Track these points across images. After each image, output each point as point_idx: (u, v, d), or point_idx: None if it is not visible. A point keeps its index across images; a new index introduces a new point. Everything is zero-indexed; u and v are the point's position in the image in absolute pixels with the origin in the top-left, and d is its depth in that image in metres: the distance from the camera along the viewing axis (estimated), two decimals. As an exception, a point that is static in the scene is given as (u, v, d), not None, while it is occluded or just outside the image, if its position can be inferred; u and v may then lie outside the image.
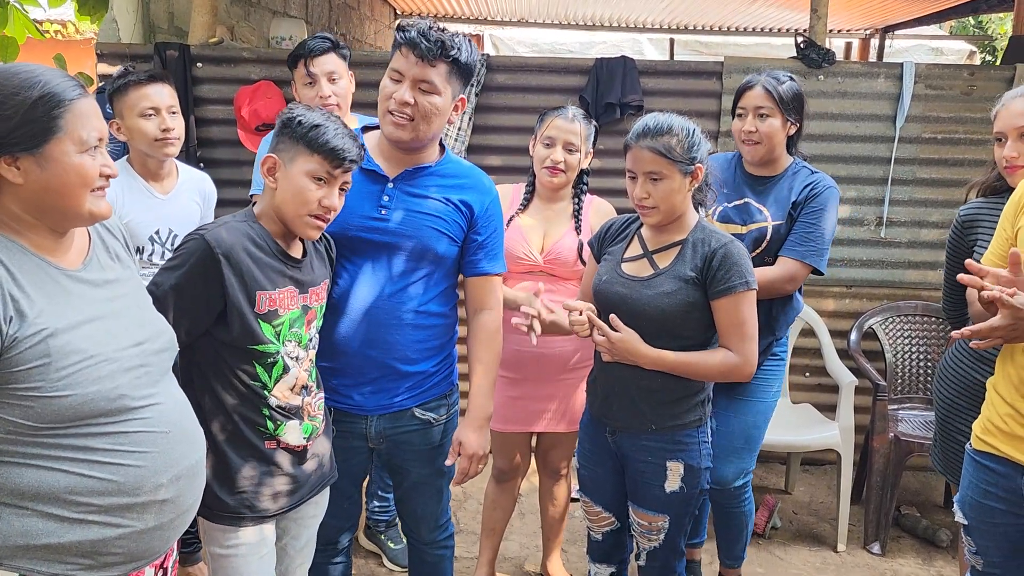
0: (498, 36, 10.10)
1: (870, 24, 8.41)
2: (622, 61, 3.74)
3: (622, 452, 2.22)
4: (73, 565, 1.38)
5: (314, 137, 1.79)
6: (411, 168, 2.08)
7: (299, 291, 1.88)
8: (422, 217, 2.07)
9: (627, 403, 2.16)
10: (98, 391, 1.36)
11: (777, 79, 2.56)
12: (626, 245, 2.22)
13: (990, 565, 2.01)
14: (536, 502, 3.31)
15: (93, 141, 1.40)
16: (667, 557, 2.26)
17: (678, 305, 2.07)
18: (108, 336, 1.41)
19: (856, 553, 3.31)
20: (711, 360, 2.08)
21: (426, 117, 1.99)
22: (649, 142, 2.05)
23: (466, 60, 2.01)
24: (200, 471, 1.57)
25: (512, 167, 3.73)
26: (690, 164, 2.06)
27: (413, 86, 1.97)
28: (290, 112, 1.84)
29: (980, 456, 1.99)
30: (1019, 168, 2.26)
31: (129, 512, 1.41)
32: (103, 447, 1.38)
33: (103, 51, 3.72)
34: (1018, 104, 2.27)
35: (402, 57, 1.97)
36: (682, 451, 2.15)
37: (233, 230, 1.79)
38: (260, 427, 1.83)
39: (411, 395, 2.14)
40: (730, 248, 2.07)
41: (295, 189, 1.81)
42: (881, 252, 3.88)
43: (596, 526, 2.37)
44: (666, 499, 2.17)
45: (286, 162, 1.82)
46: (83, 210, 1.40)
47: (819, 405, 3.70)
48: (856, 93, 3.78)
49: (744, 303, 2.07)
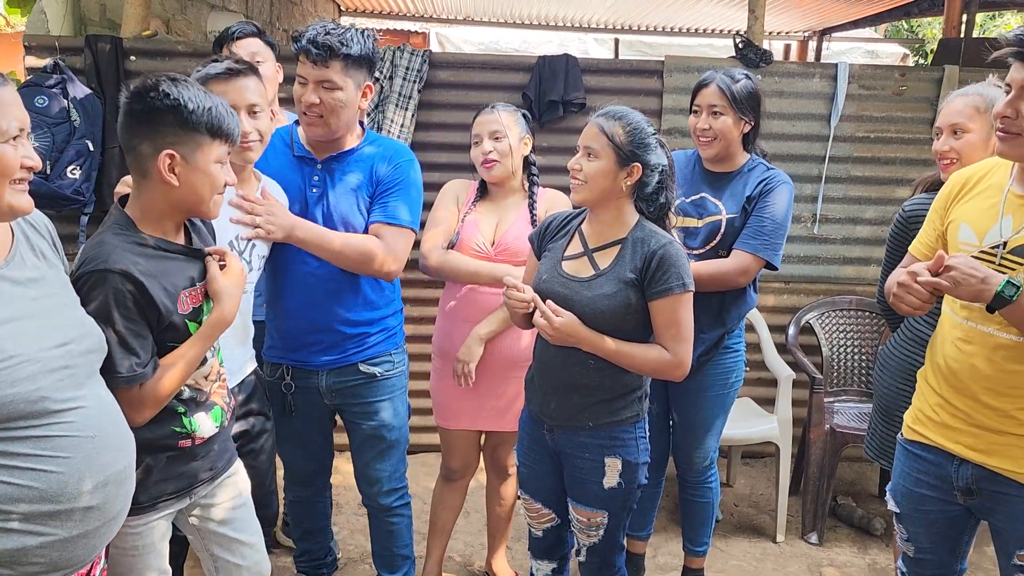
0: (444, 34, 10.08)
1: (808, 27, 8.61)
2: (565, 59, 3.76)
3: (560, 449, 2.23)
4: None
5: (215, 123, 1.69)
6: (335, 153, 2.35)
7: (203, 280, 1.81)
8: (345, 195, 2.34)
9: (564, 401, 2.17)
10: (17, 393, 1.31)
11: (732, 77, 2.58)
12: (567, 242, 2.22)
13: (921, 551, 2.08)
14: (480, 500, 3.31)
15: (13, 131, 1.35)
16: (606, 552, 2.27)
17: (617, 307, 2.08)
18: (31, 336, 1.36)
19: (795, 543, 3.39)
20: (647, 354, 2.10)
21: (333, 111, 2.24)
22: (599, 120, 2.10)
23: (359, 52, 2.23)
24: (129, 477, 1.52)
25: (455, 164, 3.71)
26: (628, 158, 2.07)
27: (316, 87, 2.23)
28: (171, 98, 1.65)
29: (911, 445, 2.05)
30: (951, 163, 2.37)
31: (52, 520, 1.37)
32: (23, 452, 1.33)
33: (31, 43, 3.59)
34: (957, 103, 2.39)
35: (302, 63, 2.24)
36: (620, 447, 2.16)
37: (123, 251, 1.64)
38: (175, 427, 1.77)
39: (355, 351, 2.42)
40: (668, 250, 2.08)
41: (205, 180, 1.71)
42: (817, 248, 3.97)
43: (537, 523, 2.38)
44: (605, 495, 2.18)
45: (186, 156, 1.68)
46: (2, 204, 1.35)
47: (758, 399, 3.78)
48: (792, 92, 3.86)
49: (680, 304, 2.08)
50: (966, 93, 2.41)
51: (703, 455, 2.81)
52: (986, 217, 1.88)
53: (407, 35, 10.35)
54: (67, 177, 3.35)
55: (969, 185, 1.97)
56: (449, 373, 2.67)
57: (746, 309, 2.74)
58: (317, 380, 2.44)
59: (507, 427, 2.72)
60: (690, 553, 2.95)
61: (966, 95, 2.40)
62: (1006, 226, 1.83)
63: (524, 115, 2.67)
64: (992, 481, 1.87)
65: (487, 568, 3.06)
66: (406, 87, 3.69)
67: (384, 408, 2.49)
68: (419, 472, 3.72)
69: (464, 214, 2.64)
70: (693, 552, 2.94)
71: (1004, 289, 1.68)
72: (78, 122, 3.39)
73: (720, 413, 2.79)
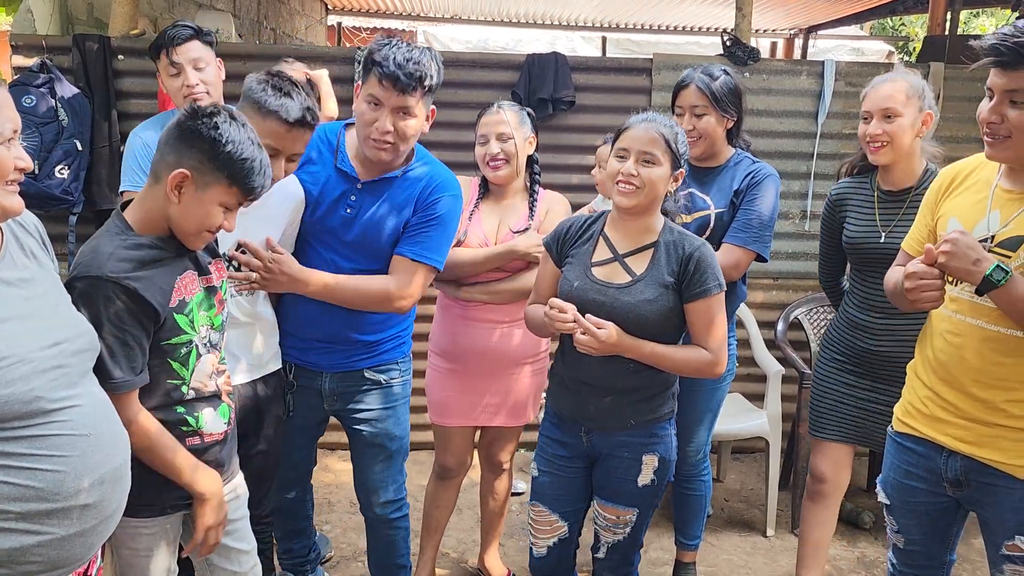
0: (432, 33, 10.06)
1: (794, 24, 8.66)
2: (554, 57, 3.77)
3: (596, 450, 2.22)
4: None
5: (240, 173, 1.69)
6: (378, 177, 2.27)
7: (199, 273, 1.81)
8: (379, 220, 2.26)
9: (605, 404, 2.16)
10: (12, 393, 1.31)
11: (711, 75, 2.59)
12: (592, 247, 2.18)
13: (911, 542, 2.10)
14: (472, 497, 3.32)
15: (7, 133, 1.36)
16: (627, 550, 2.30)
17: (660, 311, 2.08)
18: (23, 336, 1.36)
19: (784, 537, 3.41)
20: (687, 355, 2.12)
21: (405, 139, 2.19)
22: (655, 126, 2.09)
23: (437, 81, 2.20)
24: (124, 475, 1.53)
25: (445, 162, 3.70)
26: (678, 164, 2.11)
27: (393, 113, 2.14)
28: (217, 130, 1.66)
29: (901, 438, 2.08)
30: (882, 146, 2.46)
31: (49, 518, 1.37)
32: (19, 451, 1.33)
33: (18, 43, 3.58)
34: (886, 87, 2.47)
35: (380, 87, 2.12)
36: (657, 444, 2.19)
37: (118, 256, 1.64)
38: (182, 426, 1.78)
39: (363, 357, 2.38)
40: (703, 251, 2.11)
41: (202, 214, 1.70)
42: (805, 245, 4.00)
43: (543, 539, 2.32)
44: (638, 493, 2.20)
45: (198, 185, 1.68)
46: None
47: (748, 394, 3.80)
48: (780, 90, 3.89)
49: (718, 304, 2.11)
50: (893, 79, 2.49)
51: (696, 449, 2.83)
52: (974, 211, 1.90)
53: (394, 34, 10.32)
54: (55, 177, 3.33)
55: (958, 180, 2.00)
56: (447, 370, 2.67)
57: (737, 303, 2.76)
58: (320, 382, 2.40)
59: (504, 423, 2.73)
60: (682, 547, 2.97)
61: (894, 80, 2.48)
62: (994, 220, 1.85)
63: (528, 113, 2.67)
64: (981, 472, 1.90)
65: (480, 564, 3.07)
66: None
67: (387, 416, 2.44)
68: (411, 470, 3.70)
69: (468, 213, 2.63)
70: (685, 546, 2.96)
71: (993, 272, 1.71)
72: (66, 122, 3.37)
73: (712, 408, 2.82)
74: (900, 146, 2.45)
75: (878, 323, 2.50)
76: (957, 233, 1.76)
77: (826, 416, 2.67)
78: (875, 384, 2.56)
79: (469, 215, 2.62)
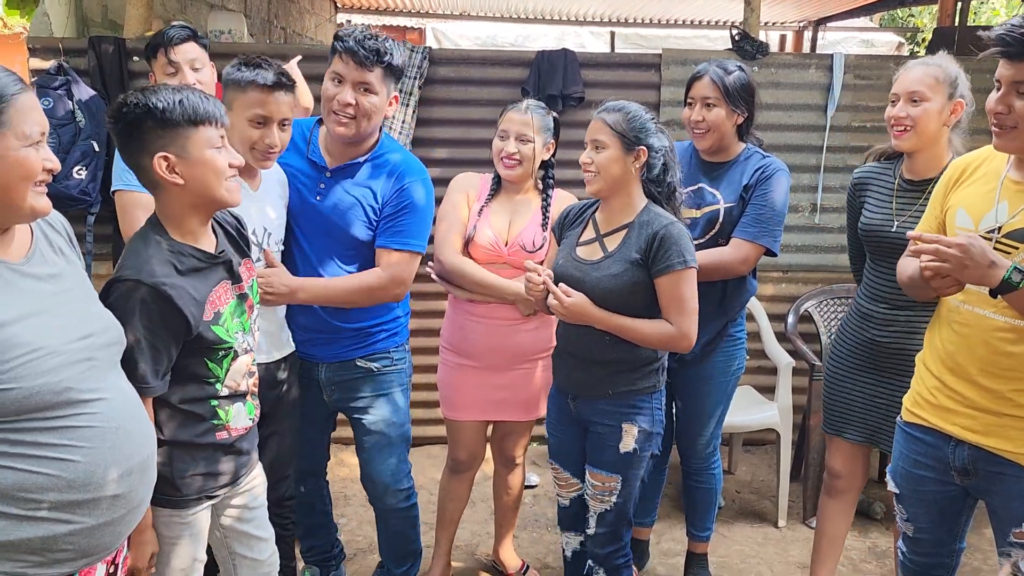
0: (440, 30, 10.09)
1: (804, 17, 8.64)
2: (563, 54, 3.79)
3: (582, 417, 2.38)
4: (22, 563, 1.37)
5: (193, 113, 1.70)
6: (346, 163, 2.38)
7: (231, 281, 1.87)
8: (346, 205, 2.37)
9: (585, 373, 2.33)
10: (44, 384, 1.36)
11: (725, 69, 2.62)
12: (582, 229, 2.38)
13: (920, 531, 2.13)
14: (487, 490, 3.35)
15: (36, 136, 1.40)
16: (615, 523, 2.38)
17: (623, 285, 2.22)
18: (54, 329, 1.40)
19: (796, 528, 3.44)
20: (653, 328, 2.23)
21: (367, 115, 2.28)
22: (602, 114, 2.26)
23: (398, 63, 2.32)
24: (151, 466, 1.57)
25: (456, 159, 3.76)
26: (633, 142, 2.21)
27: (354, 88, 2.26)
28: (142, 105, 1.67)
29: (910, 428, 2.10)
30: (905, 130, 2.42)
31: (79, 508, 1.41)
32: (50, 442, 1.38)
33: (35, 45, 3.63)
34: (917, 71, 2.44)
35: (341, 62, 2.26)
36: (636, 414, 2.30)
37: (158, 261, 1.71)
38: (213, 419, 1.84)
39: (354, 347, 2.47)
40: (670, 229, 2.20)
41: (207, 169, 1.72)
42: (815, 237, 4.02)
43: (564, 492, 2.52)
44: (620, 460, 2.31)
45: (180, 153, 1.70)
46: (24, 205, 1.40)
47: (759, 387, 3.82)
48: (789, 84, 3.90)
49: (682, 280, 2.20)
50: (926, 63, 2.44)
51: (706, 441, 2.86)
52: (983, 203, 1.92)
53: (403, 31, 10.37)
54: (73, 178, 3.38)
55: (968, 172, 2.01)
56: (457, 365, 2.71)
57: (747, 297, 2.78)
58: (318, 373, 2.50)
59: (514, 417, 2.76)
60: (694, 538, 3.00)
61: (926, 64, 2.44)
62: (1002, 211, 1.87)
63: (555, 119, 2.69)
64: (988, 461, 1.92)
65: (494, 556, 3.11)
66: (406, 84, 3.72)
67: (382, 403, 2.52)
68: (426, 464, 3.77)
69: (479, 208, 2.66)
70: (697, 537, 2.99)
71: (1011, 275, 1.71)
72: (83, 123, 3.42)
73: (722, 400, 2.84)
74: (924, 132, 2.38)
75: (885, 314, 2.49)
76: (966, 238, 1.75)
77: (839, 414, 2.66)
78: (880, 377, 2.53)
79: (479, 211, 2.65)
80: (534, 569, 3.07)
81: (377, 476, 2.58)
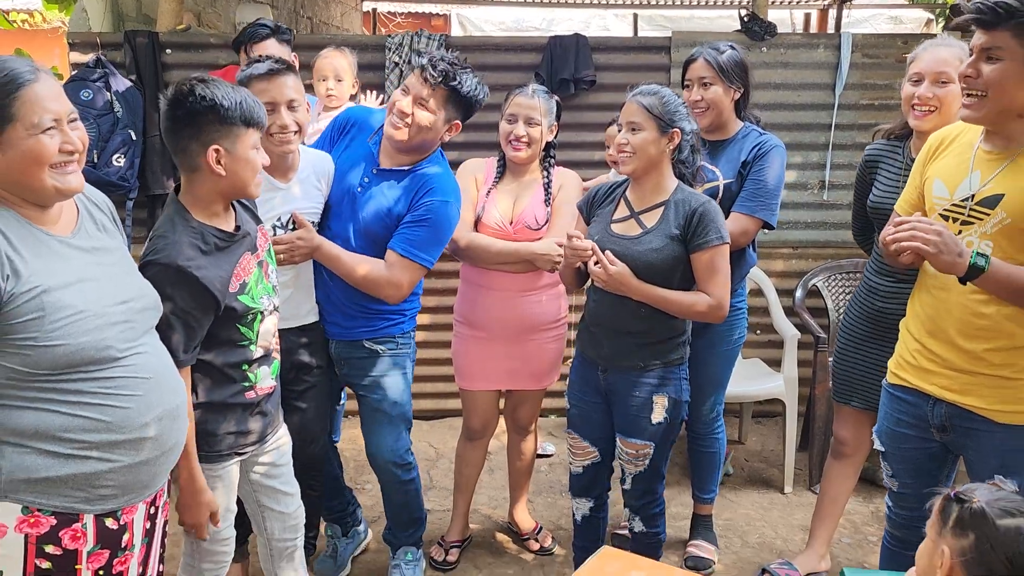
0: (465, 15, 10.19)
1: (828, -6, 8.59)
2: (575, 38, 3.91)
3: (612, 389, 2.48)
4: (71, 497, 1.56)
5: (247, 114, 1.89)
6: (392, 168, 2.54)
7: (251, 252, 2.04)
8: (381, 207, 2.51)
9: (618, 345, 2.43)
10: (88, 342, 1.54)
11: (717, 49, 2.76)
12: (614, 208, 2.47)
13: (904, 486, 2.25)
14: (503, 458, 3.51)
15: (46, 123, 1.49)
16: (650, 479, 2.54)
17: (665, 259, 2.34)
18: (96, 294, 1.58)
19: (802, 494, 3.56)
20: (690, 299, 2.36)
21: (418, 128, 2.44)
22: (638, 98, 2.36)
23: (465, 92, 2.48)
24: (181, 414, 1.75)
25: (473, 143, 3.88)
26: (668, 125, 2.33)
27: (415, 101, 2.43)
28: (207, 99, 1.83)
29: (894, 389, 2.22)
30: (930, 111, 2.45)
31: (118, 448, 1.60)
32: (93, 391, 1.56)
33: (74, 40, 3.84)
34: (943, 52, 2.46)
35: (414, 76, 2.47)
36: (667, 386, 2.43)
37: (185, 244, 1.86)
38: (244, 381, 2.03)
39: (364, 329, 2.61)
40: (707, 207, 2.35)
41: (246, 166, 1.92)
42: (824, 214, 4.11)
43: (578, 460, 2.62)
44: (653, 429, 2.45)
45: (229, 148, 1.88)
46: (47, 186, 1.52)
47: (768, 360, 3.93)
48: (797, 63, 3.98)
49: (718, 254, 2.35)
50: (949, 45, 2.47)
51: (710, 407, 3.00)
52: (957, 173, 2.03)
53: (428, 17, 10.49)
54: (112, 165, 3.60)
55: (945, 144, 2.12)
56: (469, 337, 2.87)
57: (747, 269, 2.91)
58: (330, 347, 2.65)
59: (525, 386, 2.92)
60: (699, 500, 3.14)
61: (951, 46, 2.46)
62: (975, 180, 1.98)
63: (557, 102, 2.82)
64: (963, 418, 2.04)
65: (510, 519, 3.27)
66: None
67: (385, 382, 2.64)
68: (447, 435, 3.94)
69: (487, 190, 2.81)
70: (702, 500, 3.13)
71: (976, 260, 1.85)
72: (121, 113, 3.63)
73: (727, 367, 2.98)
74: (948, 114, 2.39)
75: (891, 287, 2.57)
76: (940, 227, 1.87)
77: (846, 383, 2.77)
78: (885, 347, 2.61)
79: (487, 192, 2.80)
80: (547, 530, 3.22)
81: (376, 451, 2.71)
